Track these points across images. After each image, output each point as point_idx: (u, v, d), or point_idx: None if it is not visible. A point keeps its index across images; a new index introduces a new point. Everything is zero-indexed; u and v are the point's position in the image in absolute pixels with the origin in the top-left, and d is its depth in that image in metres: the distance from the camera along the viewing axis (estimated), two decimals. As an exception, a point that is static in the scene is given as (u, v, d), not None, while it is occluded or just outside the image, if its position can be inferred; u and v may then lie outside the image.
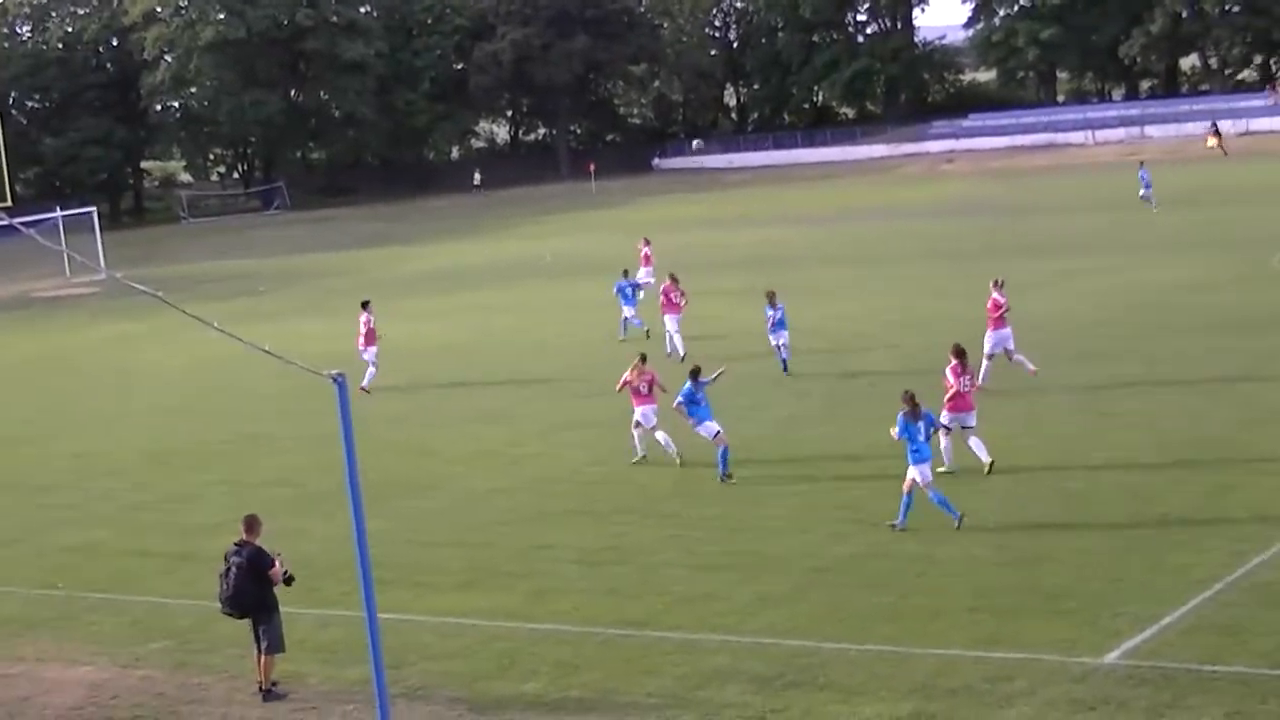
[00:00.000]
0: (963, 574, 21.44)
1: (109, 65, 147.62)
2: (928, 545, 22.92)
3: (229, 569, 19.22)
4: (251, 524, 19.56)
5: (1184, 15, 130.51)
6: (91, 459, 36.05)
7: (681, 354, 40.85)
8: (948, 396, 27.52)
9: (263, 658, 19.29)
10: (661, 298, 43.53)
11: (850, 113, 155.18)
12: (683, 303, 42.98)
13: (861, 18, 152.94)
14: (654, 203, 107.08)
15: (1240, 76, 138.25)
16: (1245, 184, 79.41)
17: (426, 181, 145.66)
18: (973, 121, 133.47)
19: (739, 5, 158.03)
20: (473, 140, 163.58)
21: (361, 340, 41.99)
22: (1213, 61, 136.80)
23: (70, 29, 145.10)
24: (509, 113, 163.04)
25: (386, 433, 34.66)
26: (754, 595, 21.42)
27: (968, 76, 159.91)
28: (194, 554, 26.27)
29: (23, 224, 27.53)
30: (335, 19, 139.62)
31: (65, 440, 38.88)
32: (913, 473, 24.28)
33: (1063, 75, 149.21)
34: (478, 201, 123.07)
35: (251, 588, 19.11)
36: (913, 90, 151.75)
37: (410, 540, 26.07)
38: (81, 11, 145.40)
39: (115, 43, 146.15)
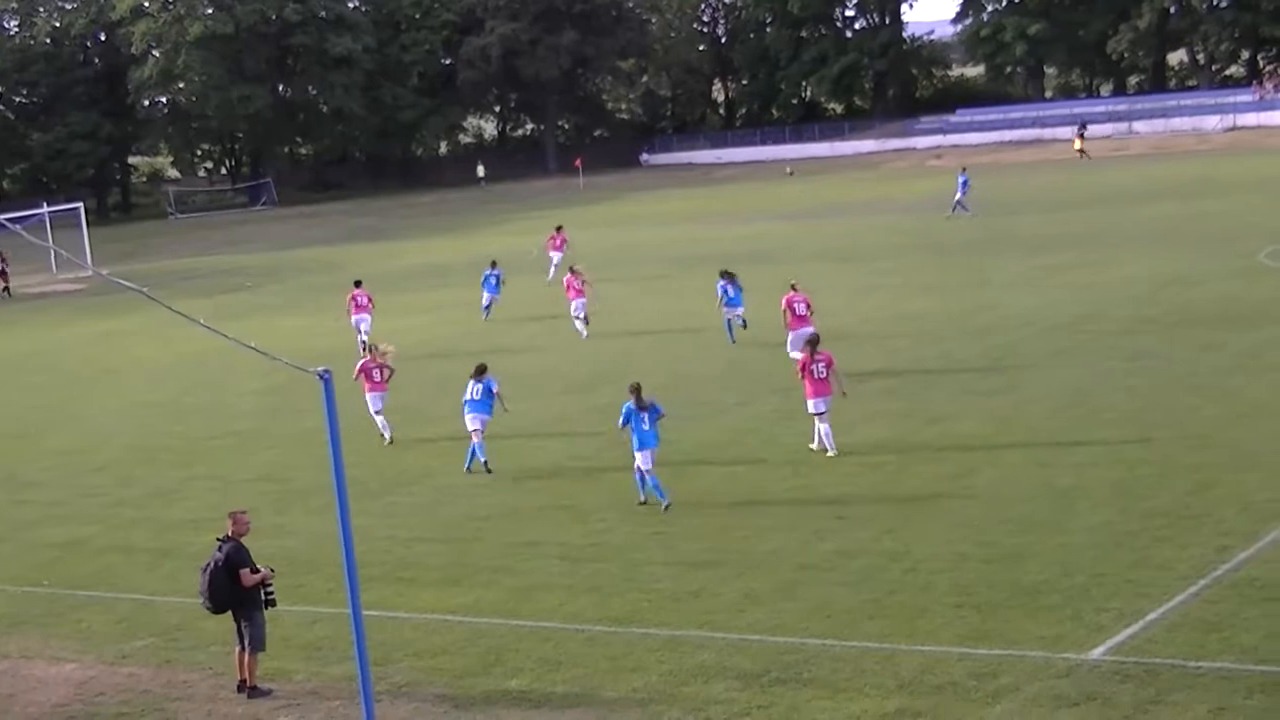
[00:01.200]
0: (947, 570, 21.43)
1: (96, 60, 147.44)
2: (912, 542, 22.91)
3: (209, 564, 19.17)
4: (231, 519, 19.49)
5: (1172, 11, 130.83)
6: (77, 455, 36.01)
7: (584, 336, 46.11)
8: (803, 380, 29.32)
9: (245, 655, 19.24)
10: (566, 289, 47.82)
11: (838, 108, 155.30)
12: (586, 290, 47.09)
13: (850, 13, 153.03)
14: (642, 198, 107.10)
15: (1228, 72, 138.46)
16: (1233, 179, 79.53)
17: (414, 177, 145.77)
18: (960, 117, 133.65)
19: (727, 0, 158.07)
20: (461, 136, 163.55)
21: (352, 312, 48.72)
22: (1200, 57, 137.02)
23: (58, 23, 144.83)
24: (497, 108, 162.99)
25: (370, 428, 34.60)
26: (739, 592, 21.41)
27: (956, 72, 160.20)
28: (179, 550, 26.28)
29: (9, 220, 27.39)
30: (323, 14, 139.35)
31: (51, 437, 38.83)
32: (637, 459, 26.73)
33: (1050, 71, 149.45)
34: (471, 197, 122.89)
35: (227, 585, 19.03)
36: (901, 86, 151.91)
37: (394, 536, 26.06)
38: (69, 6, 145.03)
39: (103, 37, 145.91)
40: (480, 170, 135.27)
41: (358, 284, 50.27)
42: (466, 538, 25.71)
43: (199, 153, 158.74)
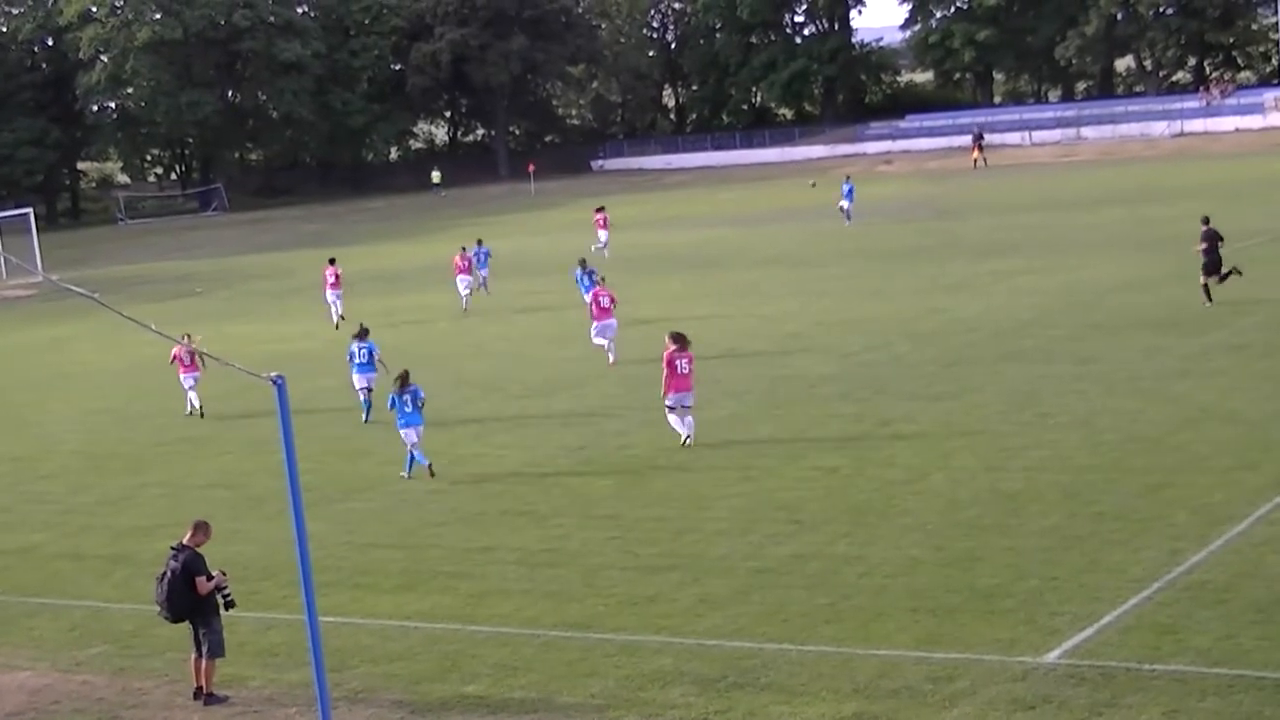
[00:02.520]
0: (902, 575, 21.52)
1: (44, 65, 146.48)
2: (866, 546, 23.00)
3: (165, 573, 19.08)
4: (196, 528, 19.42)
5: (1119, 17, 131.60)
6: (26, 462, 35.82)
7: (465, 308, 54.95)
8: (666, 379, 30.83)
9: (203, 662, 19.18)
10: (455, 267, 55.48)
11: (788, 114, 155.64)
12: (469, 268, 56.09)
13: (799, 19, 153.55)
14: (593, 203, 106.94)
15: (1175, 78, 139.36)
16: (1180, 184, 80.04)
17: (365, 182, 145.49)
18: (910, 122, 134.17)
19: (676, 6, 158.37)
20: (411, 141, 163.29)
21: (329, 286, 55.58)
22: (1147, 63, 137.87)
23: (3, 28, 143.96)
24: (447, 113, 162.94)
25: (324, 434, 34.61)
26: (696, 597, 21.45)
27: (905, 78, 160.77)
28: (131, 557, 26.17)
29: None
30: (272, 19, 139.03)
31: None
32: (403, 435, 30.11)
33: (999, 77, 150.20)
34: (421, 203, 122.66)
35: (184, 592, 18.96)
36: (850, 91, 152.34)
37: (349, 542, 26.02)
38: (15, 11, 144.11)
39: (50, 43, 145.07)
40: (435, 176, 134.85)
41: (331, 260, 57.28)
42: (423, 543, 25.68)
43: (149, 158, 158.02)
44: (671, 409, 30.97)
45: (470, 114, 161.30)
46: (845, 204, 74.61)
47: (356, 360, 36.77)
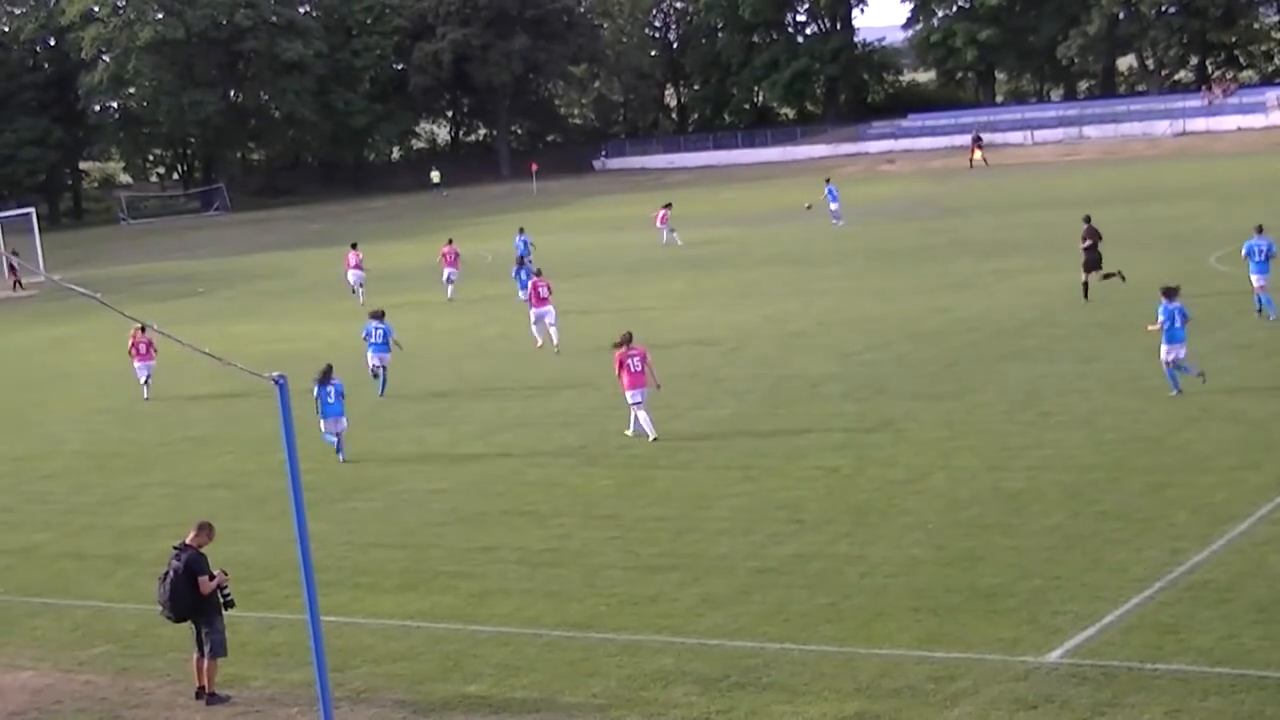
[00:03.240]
0: (903, 574, 21.52)
1: (46, 65, 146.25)
2: (868, 546, 23.00)
3: (168, 573, 19.08)
4: (199, 529, 19.41)
5: (1121, 16, 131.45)
6: (28, 462, 35.81)
7: (450, 297, 58.26)
8: (621, 378, 31.64)
9: (205, 662, 19.18)
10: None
11: (790, 113, 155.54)
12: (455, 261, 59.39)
13: (801, 18, 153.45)
14: (595, 203, 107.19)
15: (1177, 77, 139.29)
16: (1182, 184, 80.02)
17: (367, 182, 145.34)
18: (912, 122, 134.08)
19: (679, 6, 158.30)
20: (413, 141, 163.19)
21: (351, 264, 61.80)
22: (1149, 62, 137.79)
23: (6, 28, 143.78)
24: (449, 113, 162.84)
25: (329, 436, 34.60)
26: (697, 596, 21.45)
27: (907, 77, 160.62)
28: (133, 557, 26.17)
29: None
30: (274, 19, 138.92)
31: (1, 443, 38.62)
32: (323, 425, 32.12)
33: (1001, 76, 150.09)
34: (424, 202, 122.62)
35: (187, 593, 18.96)
36: (852, 91, 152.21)
37: (351, 542, 26.02)
38: (18, 11, 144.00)
39: (52, 42, 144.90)
40: (435, 176, 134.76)
41: (353, 246, 63.06)
42: (424, 543, 25.69)
43: (151, 158, 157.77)
44: (635, 404, 31.59)
45: (472, 114, 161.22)
46: (833, 206, 75.20)
47: (372, 340, 39.51)
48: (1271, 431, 27.48)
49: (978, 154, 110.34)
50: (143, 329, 40.24)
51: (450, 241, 61.22)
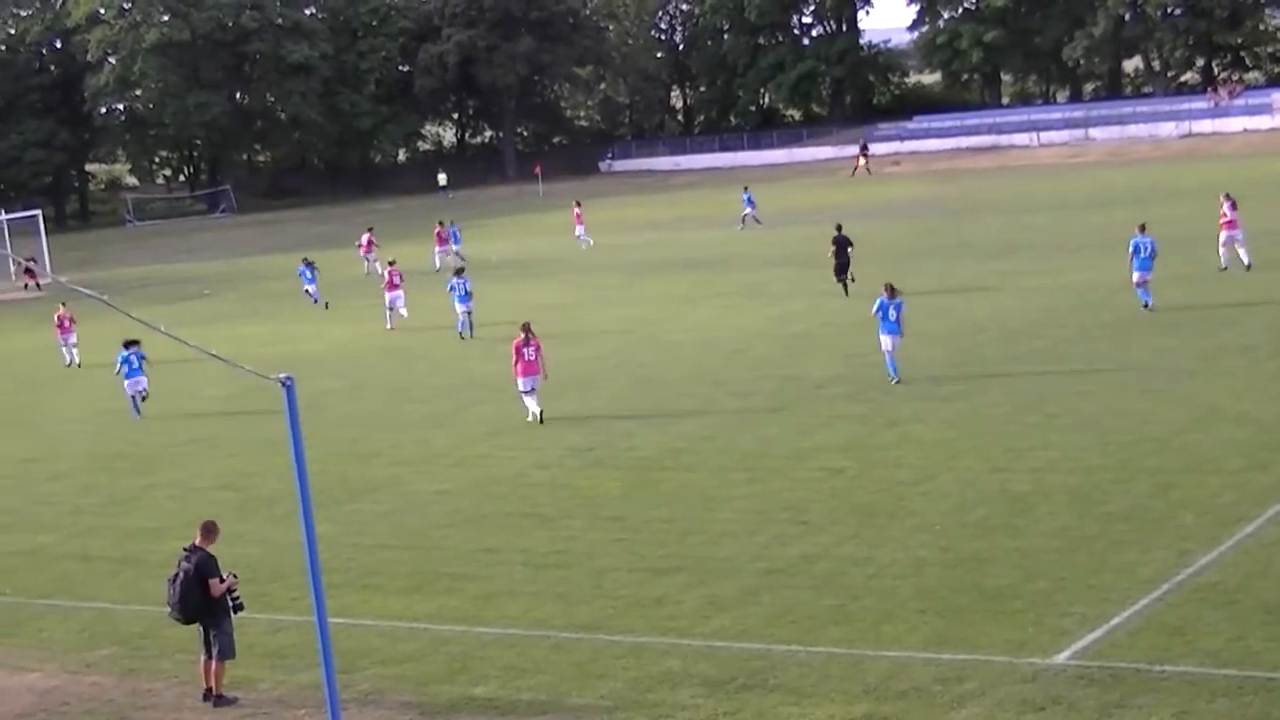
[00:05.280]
0: (910, 575, 21.51)
1: (52, 67, 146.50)
2: (874, 547, 22.99)
3: (177, 574, 19.08)
4: (207, 530, 19.42)
5: (1126, 18, 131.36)
6: (34, 464, 35.84)
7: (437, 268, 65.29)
8: (515, 364, 34.30)
9: (213, 663, 19.17)
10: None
11: (796, 115, 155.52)
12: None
13: (807, 20, 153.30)
14: (601, 204, 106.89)
15: (1183, 79, 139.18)
16: (1188, 185, 79.91)
17: (373, 184, 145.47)
18: (918, 123, 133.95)
19: (684, 8, 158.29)
20: (419, 143, 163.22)
21: (363, 249, 70.46)
22: (1155, 64, 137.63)
23: (12, 31, 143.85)
24: (455, 115, 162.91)
25: (331, 436, 34.62)
26: (704, 598, 21.44)
27: (913, 79, 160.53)
28: (139, 558, 26.19)
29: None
30: (280, 21, 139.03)
31: (7, 444, 38.68)
32: (127, 385, 38.94)
33: (1007, 78, 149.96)
34: (430, 204, 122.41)
35: (198, 595, 18.97)
36: (858, 92, 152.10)
37: (357, 544, 26.02)
38: (24, 13, 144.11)
39: (58, 45, 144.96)
40: (442, 179, 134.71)
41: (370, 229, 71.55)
42: (431, 545, 25.68)
43: (157, 160, 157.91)
44: (524, 392, 34.47)
45: (478, 115, 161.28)
46: (749, 211, 77.47)
47: (459, 292, 48.72)
48: (1278, 433, 27.44)
49: (861, 162, 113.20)
50: (63, 304, 49.15)
51: (441, 223, 69.66)
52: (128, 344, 39.98)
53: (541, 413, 34.19)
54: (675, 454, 30.31)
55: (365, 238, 73.78)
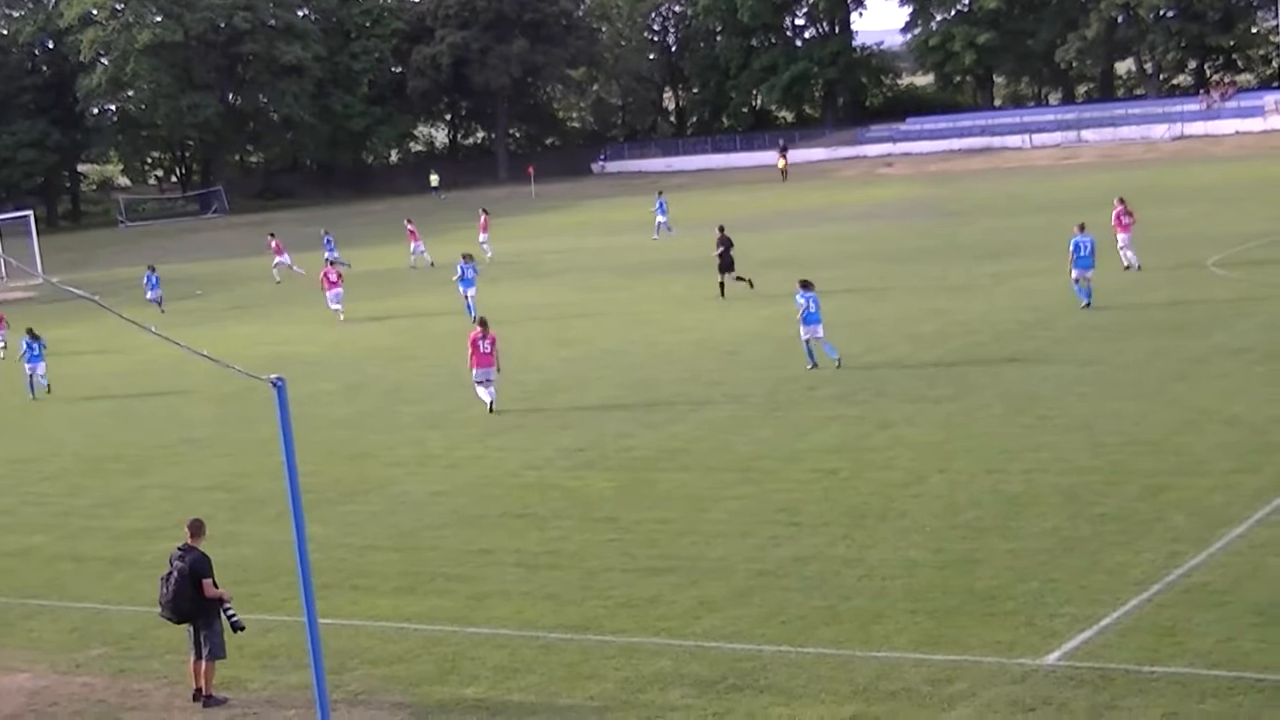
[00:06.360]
0: (901, 576, 21.52)
1: (44, 68, 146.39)
2: (866, 548, 23.00)
3: (170, 573, 19.08)
4: (196, 528, 19.43)
5: (1119, 20, 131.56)
6: (26, 464, 35.81)
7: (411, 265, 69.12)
8: (470, 356, 36.02)
9: (203, 664, 19.17)
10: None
11: (789, 116, 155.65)
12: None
13: (799, 22, 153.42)
14: (594, 206, 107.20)
15: (1175, 81, 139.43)
16: (1180, 187, 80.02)
17: (366, 185, 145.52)
18: (910, 125, 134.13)
19: (677, 9, 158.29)
20: (412, 144, 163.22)
21: (412, 237, 73.36)
22: (1148, 66, 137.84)
23: (4, 31, 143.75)
24: (448, 116, 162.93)
25: (324, 437, 34.62)
26: (695, 599, 21.44)
27: (905, 80, 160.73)
28: (131, 559, 26.17)
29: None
30: (273, 22, 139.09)
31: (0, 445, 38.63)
32: (27, 369, 44.58)
33: (999, 80, 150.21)
34: (423, 205, 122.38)
35: (191, 594, 18.97)
36: (851, 94, 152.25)
37: (348, 544, 26.01)
38: (16, 14, 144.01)
39: (50, 45, 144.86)
40: (434, 180, 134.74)
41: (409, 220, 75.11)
42: (422, 545, 25.68)
43: (149, 161, 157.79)
44: (478, 382, 36.20)
45: (470, 117, 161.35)
46: (661, 220, 78.60)
47: (465, 276, 52.70)
48: (1269, 435, 27.48)
49: (781, 163, 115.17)
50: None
51: (408, 220, 73.57)
52: (31, 333, 45.83)
53: (493, 403, 35.98)
54: (668, 455, 30.32)
55: (410, 228, 75.84)
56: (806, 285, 38.31)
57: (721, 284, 52.43)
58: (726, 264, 52.88)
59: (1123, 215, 50.09)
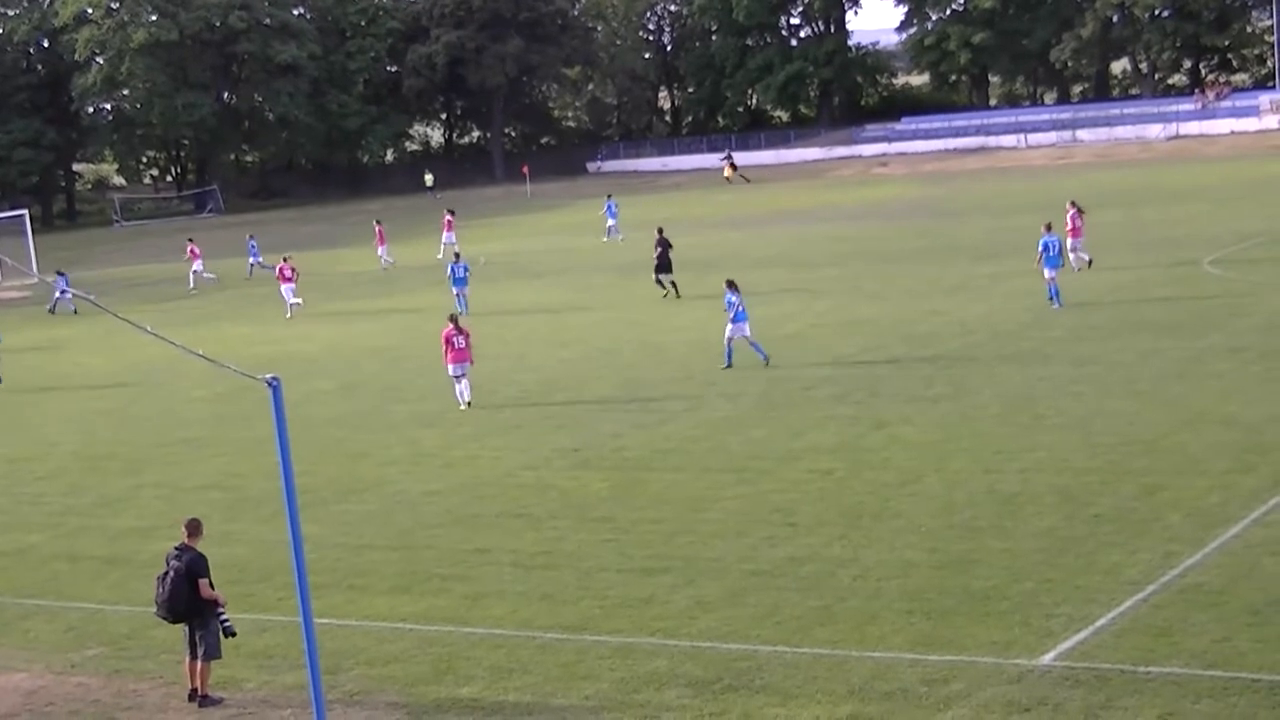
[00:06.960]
0: (897, 576, 21.52)
1: (39, 67, 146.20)
2: (861, 548, 23.00)
3: (167, 573, 19.06)
4: (193, 528, 19.41)
5: (1114, 20, 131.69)
6: (22, 464, 35.77)
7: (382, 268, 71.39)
8: (445, 353, 37.04)
9: (199, 664, 19.16)
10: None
11: (784, 116, 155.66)
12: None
13: (795, 21, 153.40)
14: (589, 205, 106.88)
15: (1170, 81, 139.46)
16: (1176, 187, 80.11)
17: (361, 184, 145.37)
18: (906, 125, 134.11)
19: (672, 9, 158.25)
20: (407, 143, 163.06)
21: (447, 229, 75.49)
22: (1143, 66, 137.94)
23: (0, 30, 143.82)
24: (443, 115, 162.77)
25: (319, 436, 34.61)
26: (691, 599, 21.45)
27: (901, 80, 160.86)
28: (127, 558, 26.15)
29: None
30: (268, 21, 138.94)
31: (-4, 445, 38.65)
32: None
33: (995, 79, 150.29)
34: (418, 204, 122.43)
35: (187, 594, 18.95)
36: (846, 93, 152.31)
37: (344, 544, 26.00)
38: (11, 13, 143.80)
39: (46, 44, 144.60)
40: (429, 179, 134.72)
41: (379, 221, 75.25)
42: (418, 545, 25.67)
43: (144, 160, 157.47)
44: (454, 376, 37.12)
45: (466, 116, 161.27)
46: (611, 223, 78.73)
47: (457, 275, 54.13)
48: (1265, 435, 27.51)
49: (728, 171, 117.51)
50: None
51: (377, 221, 75.25)
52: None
53: (469, 400, 36.90)
54: (663, 455, 30.32)
55: (446, 219, 78.35)
56: (733, 286, 39.16)
57: (659, 281, 54.23)
58: (664, 265, 54.50)
59: (1075, 219, 51.22)
